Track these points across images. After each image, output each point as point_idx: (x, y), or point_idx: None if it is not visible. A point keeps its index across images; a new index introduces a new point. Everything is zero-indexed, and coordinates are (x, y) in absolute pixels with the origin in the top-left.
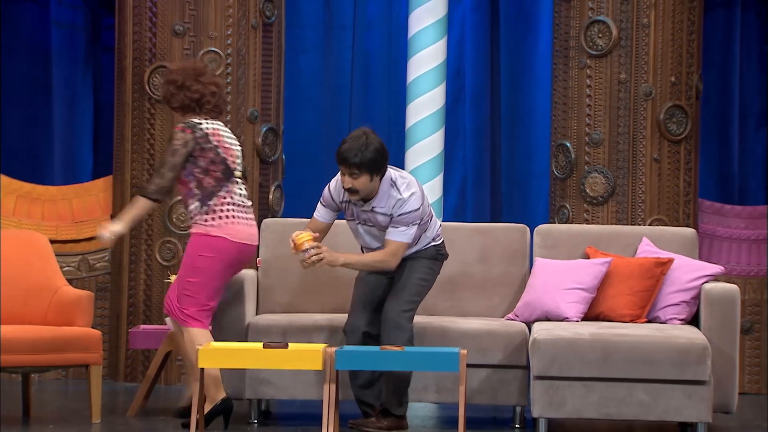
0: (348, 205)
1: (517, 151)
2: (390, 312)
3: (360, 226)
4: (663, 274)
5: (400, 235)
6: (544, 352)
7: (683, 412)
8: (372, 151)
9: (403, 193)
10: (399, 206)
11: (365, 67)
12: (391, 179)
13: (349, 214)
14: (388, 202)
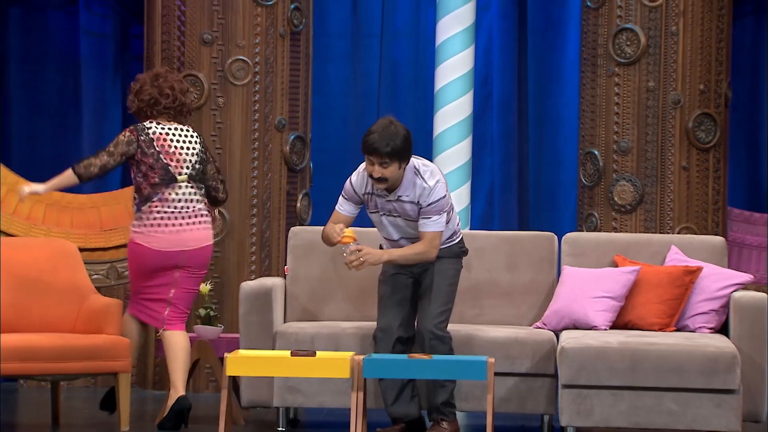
0: (371, 197)
1: (544, 159)
2: (427, 325)
3: (384, 217)
4: (692, 282)
5: (434, 225)
6: (572, 361)
7: (712, 422)
8: (401, 139)
9: (428, 182)
10: (427, 195)
11: (392, 75)
12: (415, 167)
13: (372, 206)
14: (414, 191)
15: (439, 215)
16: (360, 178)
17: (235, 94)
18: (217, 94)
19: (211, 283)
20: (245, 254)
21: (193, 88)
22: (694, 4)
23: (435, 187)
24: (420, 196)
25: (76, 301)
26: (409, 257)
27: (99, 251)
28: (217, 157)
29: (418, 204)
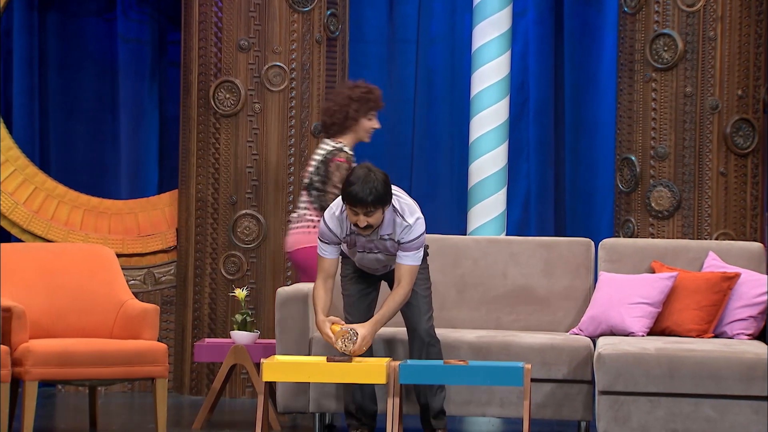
0: (350, 236)
1: (581, 164)
2: (419, 331)
3: (365, 253)
4: (730, 288)
5: (412, 260)
6: (609, 367)
7: (750, 429)
8: (382, 185)
9: (408, 219)
10: (407, 232)
11: (428, 81)
12: (393, 206)
13: (351, 244)
14: (394, 229)
15: (418, 251)
16: (337, 221)
17: (271, 100)
18: (253, 100)
19: (247, 289)
20: (281, 260)
21: (230, 94)
22: (732, 9)
23: (415, 225)
24: (400, 234)
25: (113, 306)
26: (394, 310)
27: (136, 257)
28: (254, 163)
29: (397, 241)
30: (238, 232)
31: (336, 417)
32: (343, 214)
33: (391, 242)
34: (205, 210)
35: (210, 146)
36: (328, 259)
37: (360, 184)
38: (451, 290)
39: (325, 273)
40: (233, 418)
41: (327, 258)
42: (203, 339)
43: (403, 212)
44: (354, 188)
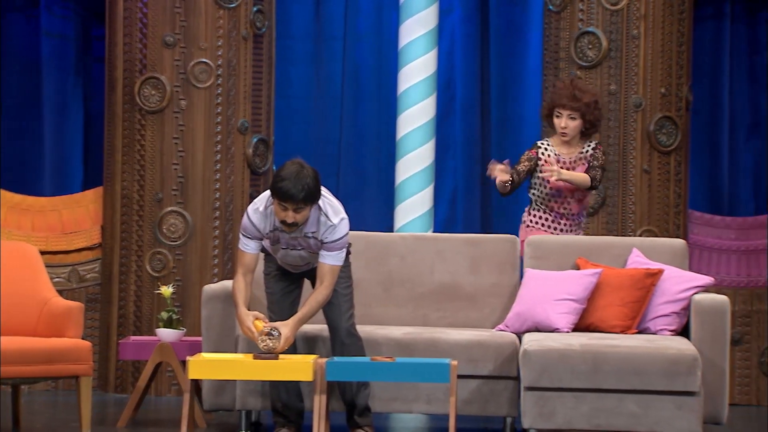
0: (274, 232)
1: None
2: (341, 326)
3: (288, 250)
4: (653, 285)
5: (334, 259)
6: (534, 363)
7: (673, 424)
8: (312, 182)
9: (332, 219)
10: (330, 232)
11: (356, 78)
12: (318, 205)
13: (274, 241)
14: (318, 228)
15: (340, 251)
16: (260, 217)
17: (197, 97)
18: (179, 96)
19: (173, 286)
20: (208, 257)
21: (156, 90)
22: (655, 8)
23: (339, 225)
24: (324, 233)
25: (37, 304)
26: (316, 309)
27: (61, 254)
28: (180, 160)
29: (320, 240)
30: (164, 229)
31: (262, 414)
32: (268, 209)
33: (314, 240)
34: (131, 207)
35: (135, 143)
36: (249, 254)
37: (292, 180)
38: (377, 287)
39: (245, 267)
40: (158, 416)
41: (248, 253)
42: (128, 337)
43: (328, 212)
44: (285, 184)
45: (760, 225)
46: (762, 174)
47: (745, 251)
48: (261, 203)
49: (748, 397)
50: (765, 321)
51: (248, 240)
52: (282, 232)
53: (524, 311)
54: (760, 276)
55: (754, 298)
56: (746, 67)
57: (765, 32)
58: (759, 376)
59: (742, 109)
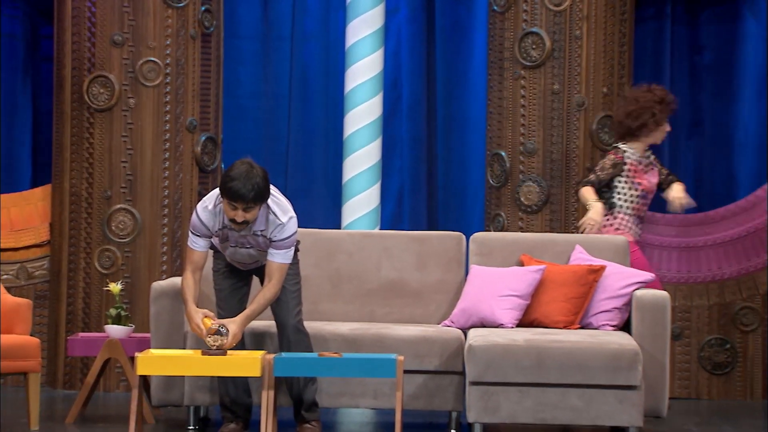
0: (223, 231)
1: (452, 160)
2: (288, 323)
3: (237, 248)
4: (595, 281)
5: (283, 257)
6: (479, 358)
7: (615, 417)
8: (262, 182)
9: (281, 218)
10: (279, 231)
11: (303, 77)
12: (267, 203)
13: (223, 238)
14: (267, 226)
15: (289, 249)
16: (210, 215)
17: (146, 95)
18: (128, 95)
19: (121, 283)
20: (156, 254)
21: (104, 89)
22: (597, 9)
23: (288, 224)
24: (272, 232)
25: None
26: (264, 306)
27: (9, 251)
28: (128, 158)
29: (269, 238)
30: (113, 226)
31: (210, 410)
32: (217, 207)
33: (263, 239)
34: (79, 204)
35: (84, 141)
36: (198, 251)
37: (242, 180)
38: (325, 284)
39: (194, 265)
40: (107, 411)
41: (197, 250)
42: (77, 333)
43: (277, 211)
44: (235, 184)
45: (700, 222)
46: (702, 173)
47: (685, 248)
48: (210, 201)
49: (687, 390)
50: (704, 316)
51: (197, 238)
52: (231, 230)
53: (469, 307)
54: (700, 272)
55: (694, 293)
56: (686, 68)
57: (705, 33)
58: (698, 370)
59: (683, 109)
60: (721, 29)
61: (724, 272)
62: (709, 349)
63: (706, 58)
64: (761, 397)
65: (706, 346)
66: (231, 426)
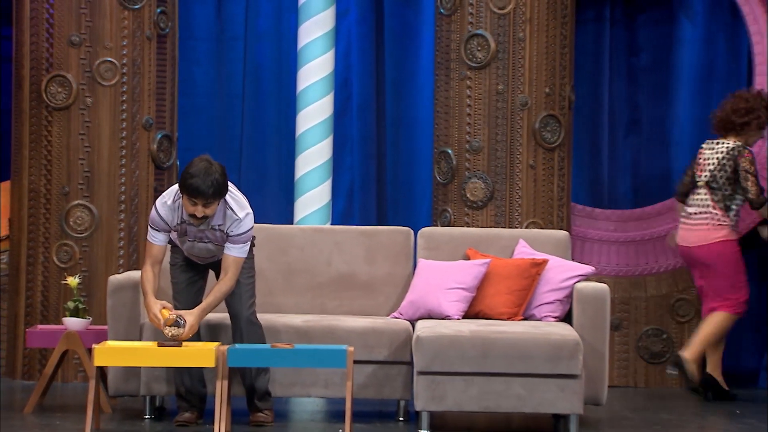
0: (181, 225)
1: (401, 157)
2: (242, 315)
3: (195, 243)
4: (538, 274)
5: (239, 251)
6: (426, 349)
7: (557, 405)
8: (221, 178)
9: (238, 213)
10: (236, 226)
11: (256, 77)
12: (224, 199)
13: (182, 233)
14: (225, 221)
15: (245, 244)
16: (168, 210)
17: (103, 95)
18: (85, 94)
19: (79, 277)
20: (113, 249)
21: (62, 88)
22: (540, 12)
23: (244, 219)
24: (230, 227)
25: None
26: (219, 299)
27: None
28: (86, 155)
29: (226, 233)
30: (71, 222)
31: (166, 400)
32: (176, 203)
33: (220, 233)
34: (38, 200)
35: (42, 138)
36: (157, 245)
37: (201, 176)
38: (278, 277)
39: (153, 258)
40: (65, 401)
41: (156, 245)
42: (36, 325)
43: (234, 206)
44: (195, 180)
45: (637, 217)
46: (639, 169)
47: (624, 242)
48: (169, 197)
49: (626, 379)
50: (642, 308)
51: (156, 232)
52: (190, 225)
53: (417, 299)
54: (638, 265)
55: (632, 286)
56: (625, 68)
57: (642, 36)
58: (636, 360)
59: (621, 108)
60: (658, 32)
61: (660, 265)
62: (647, 339)
63: (644, 60)
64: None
65: (643, 337)
66: (186, 415)
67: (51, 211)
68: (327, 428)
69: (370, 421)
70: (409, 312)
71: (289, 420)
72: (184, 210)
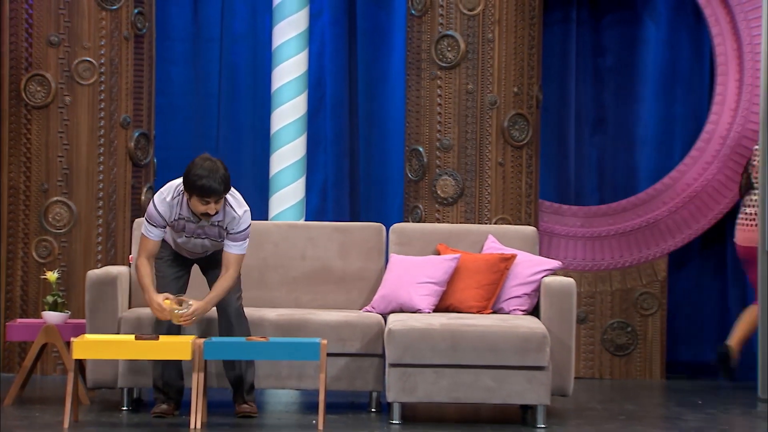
0: (179, 222)
1: (373, 155)
2: (231, 306)
3: (191, 238)
4: (507, 268)
5: (239, 249)
6: (398, 342)
7: (524, 396)
8: (226, 172)
9: (237, 210)
10: (236, 223)
11: (232, 77)
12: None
13: (179, 229)
14: (224, 217)
15: (244, 241)
16: (167, 207)
17: (81, 93)
18: (64, 93)
19: (58, 272)
20: (92, 244)
21: (41, 87)
22: (508, 13)
23: (243, 216)
24: (229, 223)
25: None
26: (222, 294)
27: None
28: (65, 152)
29: (226, 229)
30: (50, 218)
31: (143, 392)
32: (175, 200)
33: (218, 229)
34: (17, 197)
35: (22, 136)
36: (153, 240)
37: (210, 176)
38: (253, 272)
39: (148, 252)
40: (44, 394)
41: (152, 239)
42: (15, 319)
43: (233, 203)
44: (206, 181)
45: (603, 214)
46: (605, 167)
47: (590, 237)
48: (168, 193)
49: (591, 371)
50: (607, 301)
51: (153, 227)
52: (188, 222)
53: (389, 294)
54: (603, 260)
55: (598, 280)
56: (591, 68)
57: (608, 36)
58: (602, 352)
59: (587, 107)
60: (623, 33)
61: (625, 260)
62: (612, 332)
63: (609, 60)
64: (660, 376)
65: (608, 329)
66: (163, 407)
67: (30, 208)
68: (301, 419)
69: (342, 412)
70: (381, 306)
71: (264, 411)
72: (183, 207)
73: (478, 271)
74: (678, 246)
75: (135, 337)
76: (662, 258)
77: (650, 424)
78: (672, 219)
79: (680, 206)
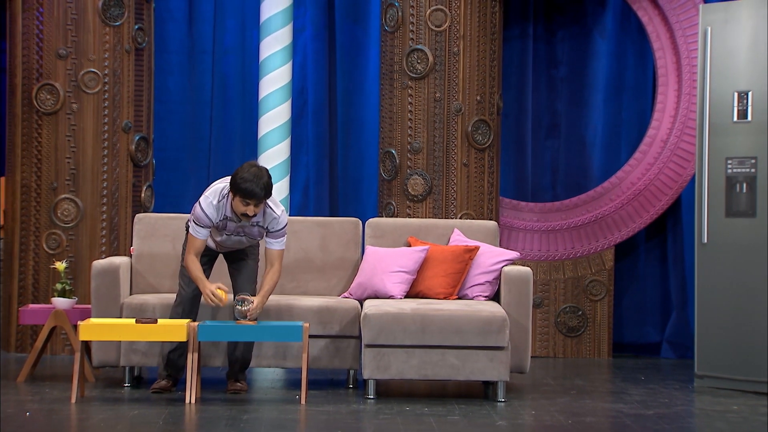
0: (223, 221)
1: (351, 157)
2: (247, 292)
3: (230, 236)
4: (471, 259)
5: (281, 245)
6: (373, 325)
7: (486, 373)
8: (269, 180)
9: (276, 210)
10: (276, 222)
11: (223, 86)
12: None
13: (222, 228)
14: (264, 218)
15: (284, 237)
16: (214, 209)
17: (87, 101)
18: (71, 101)
19: (66, 262)
20: (97, 237)
21: (51, 95)
22: (472, 29)
23: (281, 216)
24: (270, 223)
25: None
26: (273, 287)
27: None
28: (72, 155)
29: (266, 228)
30: (59, 213)
31: (143, 370)
32: (220, 202)
33: (258, 228)
34: (29, 195)
35: (33, 140)
36: (200, 239)
37: (255, 181)
38: None
39: (196, 250)
40: (54, 372)
41: (199, 239)
42: (27, 305)
43: (272, 205)
44: (249, 185)
45: (557, 209)
46: (559, 167)
47: (545, 231)
48: (214, 197)
49: (546, 350)
50: (560, 288)
51: (200, 228)
52: (230, 221)
53: (365, 281)
54: (557, 251)
55: (552, 269)
56: (546, 79)
57: (561, 50)
58: (555, 333)
59: (543, 113)
60: (575, 47)
61: (577, 251)
62: (564, 315)
63: (562, 71)
64: (607, 355)
65: (561, 313)
66: (162, 383)
67: (41, 204)
68: (285, 395)
69: (323, 388)
70: (357, 292)
71: (252, 388)
72: (227, 208)
73: (444, 261)
74: (624, 238)
75: (135, 321)
76: (609, 249)
77: (599, 398)
78: (618, 214)
79: (626, 203)
